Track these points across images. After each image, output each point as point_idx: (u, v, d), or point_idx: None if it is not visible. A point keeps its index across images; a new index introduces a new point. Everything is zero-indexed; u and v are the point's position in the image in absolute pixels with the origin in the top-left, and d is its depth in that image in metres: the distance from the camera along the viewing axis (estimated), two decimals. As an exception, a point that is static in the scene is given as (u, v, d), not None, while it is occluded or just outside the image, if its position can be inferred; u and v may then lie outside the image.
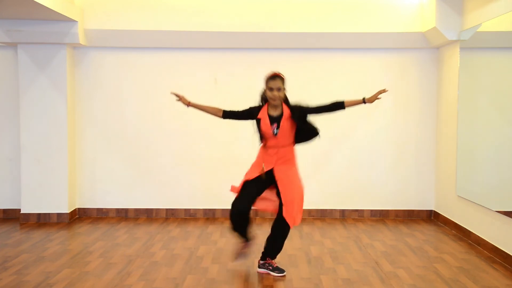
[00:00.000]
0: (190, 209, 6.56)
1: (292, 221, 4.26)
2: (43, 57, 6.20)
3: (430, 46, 6.29)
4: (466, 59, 5.64)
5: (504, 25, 4.88)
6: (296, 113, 4.32)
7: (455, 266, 4.64)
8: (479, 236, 5.24)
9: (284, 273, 4.40)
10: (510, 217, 4.72)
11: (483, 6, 5.16)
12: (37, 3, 4.91)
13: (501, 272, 4.50)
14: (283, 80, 4.30)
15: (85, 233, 5.83)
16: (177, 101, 4.50)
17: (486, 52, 5.59)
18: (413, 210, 6.56)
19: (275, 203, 4.43)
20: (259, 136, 4.43)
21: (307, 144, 4.53)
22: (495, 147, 5.38)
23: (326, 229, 5.99)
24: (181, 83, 6.42)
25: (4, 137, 6.51)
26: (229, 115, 4.45)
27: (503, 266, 4.67)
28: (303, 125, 4.36)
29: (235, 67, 6.49)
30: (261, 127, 4.34)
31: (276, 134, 4.30)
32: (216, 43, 6.34)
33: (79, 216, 6.56)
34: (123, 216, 6.56)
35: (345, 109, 4.42)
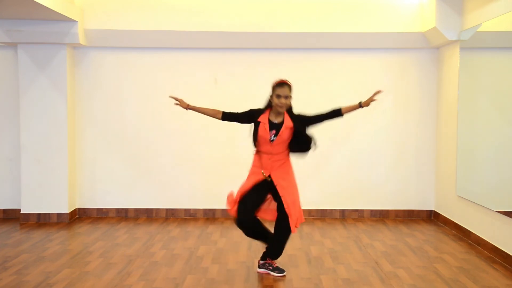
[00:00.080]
0: (190, 209, 6.56)
1: (295, 224, 4.29)
2: (43, 57, 6.20)
3: (430, 46, 6.29)
4: (466, 59, 5.64)
5: (504, 25, 4.88)
6: (297, 124, 4.31)
7: (455, 266, 4.64)
8: (479, 236, 5.24)
9: (284, 273, 4.40)
10: (510, 217, 4.72)
11: (483, 6, 5.16)
12: (37, 3, 4.91)
13: (501, 272, 4.50)
14: (290, 88, 4.28)
15: (85, 233, 5.83)
16: (175, 105, 4.48)
17: (486, 52, 5.59)
18: (413, 210, 6.56)
19: (274, 211, 4.44)
20: (254, 140, 4.39)
21: (301, 156, 4.48)
22: (495, 147, 5.38)
23: (326, 229, 5.99)
24: (181, 83, 6.43)
25: (4, 137, 6.51)
26: (228, 117, 4.42)
27: (503, 266, 4.67)
28: (300, 136, 4.33)
29: (235, 67, 6.49)
30: (259, 131, 4.30)
31: (273, 141, 4.28)
32: (216, 43, 6.34)
33: (79, 216, 6.56)
34: (123, 216, 6.56)
35: (343, 116, 4.42)
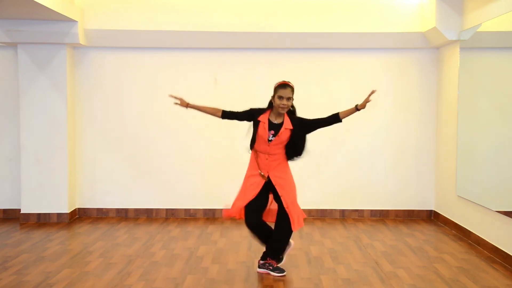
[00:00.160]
0: (190, 209, 6.56)
1: (300, 224, 4.32)
2: (43, 57, 6.20)
3: (430, 46, 6.29)
4: (466, 59, 5.64)
5: (504, 25, 4.88)
6: (297, 128, 4.31)
7: (455, 266, 4.64)
8: (479, 236, 5.24)
9: (284, 273, 4.40)
10: (510, 217, 4.72)
11: (483, 6, 5.16)
12: (37, 3, 4.91)
13: (501, 272, 4.50)
14: (292, 90, 4.28)
15: (85, 233, 5.83)
16: (175, 104, 4.48)
17: (486, 52, 5.59)
18: (413, 210, 6.56)
19: (274, 211, 4.45)
20: (252, 140, 4.41)
21: (291, 160, 4.46)
22: (495, 147, 5.37)
23: (326, 229, 5.99)
24: (181, 83, 6.42)
25: (4, 137, 6.51)
26: (228, 115, 4.43)
27: (503, 266, 4.67)
28: (297, 140, 4.34)
29: (235, 67, 6.48)
30: (258, 130, 4.31)
31: (271, 141, 4.29)
32: (216, 43, 6.34)
33: (79, 216, 6.56)
34: (123, 216, 6.56)
35: (342, 122, 4.39)
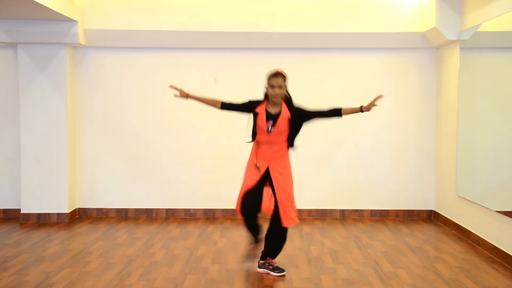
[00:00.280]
0: (190, 209, 6.56)
1: (289, 221, 4.30)
2: (43, 57, 6.20)
3: (430, 46, 6.29)
4: (466, 59, 5.64)
5: (504, 25, 4.88)
6: (295, 117, 4.32)
7: (455, 266, 4.64)
8: (479, 236, 5.24)
9: (284, 273, 4.40)
10: (510, 217, 4.72)
11: (483, 6, 5.16)
12: (37, 3, 4.91)
13: (501, 272, 4.50)
14: (284, 78, 4.31)
15: (85, 233, 5.83)
16: (175, 96, 4.51)
17: (486, 52, 5.59)
18: (413, 210, 6.56)
19: (270, 202, 4.46)
20: (253, 131, 4.43)
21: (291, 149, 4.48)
22: (495, 147, 5.37)
23: (326, 229, 5.99)
24: (181, 83, 6.36)
25: (4, 137, 6.51)
26: (227, 106, 4.46)
27: (503, 266, 4.67)
28: (296, 127, 4.37)
29: (235, 67, 6.49)
30: (257, 122, 4.35)
31: (270, 131, 4.30)
32: (216, 43, 6.34)
33: (79, 216, 6.56)
34: (123, 216, 6.56)
35: (342, 117, 4.41)
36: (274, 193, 4.35)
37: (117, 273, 4.42)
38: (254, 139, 4.44)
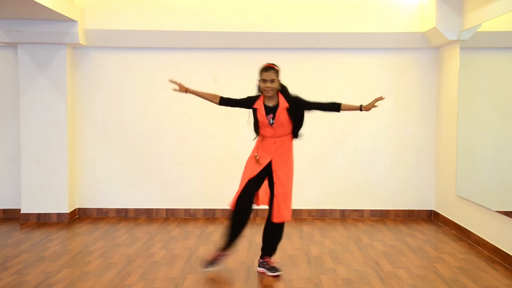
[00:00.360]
0: (190, 209, 6.56)
1: (280, 217, 4.29)
2: (43, 57, 6.20)
3: (430, 46, 6.29)
4: (466, 59, 5.64)
5: (504, 25, 4.88)
6: (293, 105, 4.29)
7: (455, 266, 4.64)
8: (479, 236, 5.24)
9: (279, 273, 4.36)
10: (510, 217, 4.72)
11: (483, 6, 5.16)
12: (37, 3, 4.91)
13: (501, 272, 4.50)
14: (276, 72, 4.27)
15: (85, 233, 5.83)
16: (174, 90, 4.51)
17: (486, 52, 5.59)
18: (413, 210, 6.56)
19: (266, 195, 4.44)
20: (255, 128, 4.42)
21: (296, 138, 4.47)
22: (495, 147, 5.38)
23: (326, 229, 5.99)
24: (181, 83, 6.42)
25: (4, 137, 6.51)
26: (225, 102, 4.45)
27: (503, 266, 4.67)
28: (297, 117, 4.33)
29: (235, 67, 6.48)
30: (258, 117, 4.34)
31: (272, 124, 4.29)
32: (216, 43, 6.34)
33: (79, 216, 6.56)
34: (123, 216, 6.56)
35: (340, 112, 4.39)
36: (272, 187, 4.33)
37: (117, 273, 4.42)
38: (258, 134, 4.43)
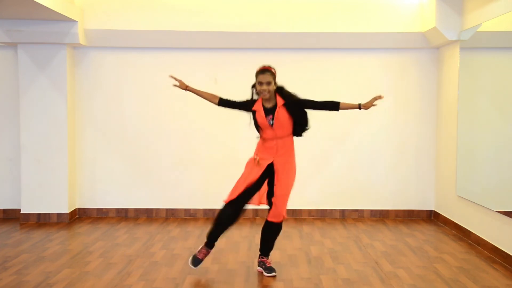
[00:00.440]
0: (190, 209, 6.56)
1: (276, 217, 4.29)
2: (43, 57, 6.20)
3: (430, 46, 6.29)
4: (466, 59, 5.64)
5: (504, 25, 4.88)
6: (289, 102, 4.28)
7: (455, 266, 4.64)
8: (479, 236, 5.24)
9: (274, 274, 4.35)
10: (510, 217, 4.72)
11: (483, 6, 5.16)
12: (37, 3, 4.91)
13: (501, 272, 4.50)
14: (273, 74, 4.27)
15: (85, 233, 5.83)
16: (174, 86, 4.53)
17: (486, 52, 5.59)
18: (413, 210, 6.55)
19: (263, 194, 4.44)
20: (256, 129, 4.43)
21: (300, 137, 4.45)
22: (495, 147, 5.38)
23: (326, 229, 5.99)
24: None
25: (4, 137, 6.51)
26: (224, 103, 4.46)
27: (503, 266, 4.67)
28: (296, 114, 4.32)
29: (235, 67, 6.48)
30: (257, 119, 4.34)
31: (272, 125, 4.28)
32: (216, 43, 6.34)
33: (79, 216, 6.56)
34: (123, 216, 6.56)
35: (338, 111, 4.38)
36: (272, 187, 4.33)
37: (117, 273, 4.42)
38: (261, 136, 4.43)
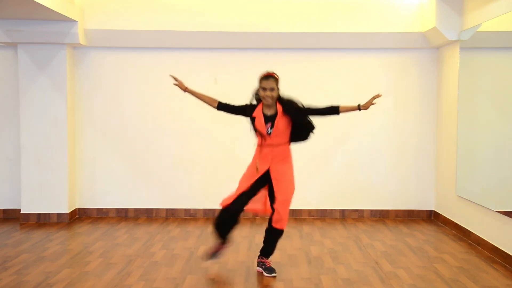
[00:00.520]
0: (190, 209, 6.56)
1: (280, 223, 4.26)
2: (43, 57, 6.20)
3: (430, 46, 6.29)
4: (466, 59, 5.64)
5: (504, 25, 4.88)
6: (289, 107, 4.27)
7: (455, 266, 4.64)
8: (479, 236, 5.24)
9: (274, 274, 4.35)
10: (510, 217, 4.72)
11: (483, 6, 5.16)
12: (37, 3, 4.91)
13: (501, 272, 4.50)
14: (276, 80, 4.27)
15: (85, 233, 5.83)
16: (174, 85, 4.51)
17: (486, 52, 5.59)
18: (413, 210, 6.56)
19: (265, 204, 4.44)
20: (255, 133, 4.42)
21: (303, 142, 4.47)
22: (495, 147, 5.38)
23: (326, 229, 5.99)
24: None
25: (4, 137, 6.51)
26: (223, 107, 4.44)
27: (503, 266, 4.67)
28: (297, 118, 4.30)
29: (235, 67, 6.48)
30: (256, 126, 4.33)
31: (270, 133, 4.28)
32: (216, 43, 6.34)
33: (79, 216, 6.56)
34: (123, 216, 6.56)
35: (339, 115, 4.38)
36: (273, 194, 4.32)
37: (117, 273, 4.42)
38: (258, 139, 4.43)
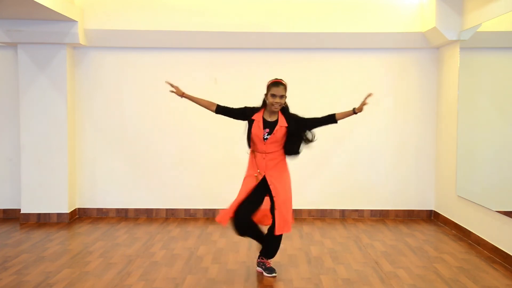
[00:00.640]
0: (190, 209, 6.56)
1: (282, 229, 4.22)
2: (43, 57, 6.20)
3: (430, 46, 6.29)
4: (466, 59, 5.64)
5: (504, 25, 4.88)
6: (292, 125, 4.26)
7: (455, 266, 4.64)
8: (479, 236, 5.24)
9: (275, 274, 4.35)
10: (510, 217, 4.72)
11: (483, 6, 5.16)
12: (37, 3, 4.91)
13: (501, 272, 4.50)
14: (285, 88, 4.25)
15: (85, 233, 5.83)
16: (170, 92, 4.47)
17: (486, 52, 5.59)
18: (413, 210, 6.56)
19: (270, 215, 4.38)
20: (248, 139, 4.37)
21: (294, 157, 4.40)
22: (495, 147, 5.38)
23: (326, 229, 5.99)
24: (181, 83, 6.36)
25: (4, 137, 6.51)
26: (222, 110, 4.39)
27: (503, 266, 4.67)
28: (292, 137, 4.29)
29: (235, 67, 6.49)
30: (253, 129, 4.28)
31: (266, 139, 4.25)
32: (216, 43, 6.34)
33: (79, 216, 6.56)
34: (123, 216, 6.56)
35: (337, 123, 4.35)
36: (272, 200, 4.29)
37: (117, 273, 4.42)
38: (250, 147, 4.38)
